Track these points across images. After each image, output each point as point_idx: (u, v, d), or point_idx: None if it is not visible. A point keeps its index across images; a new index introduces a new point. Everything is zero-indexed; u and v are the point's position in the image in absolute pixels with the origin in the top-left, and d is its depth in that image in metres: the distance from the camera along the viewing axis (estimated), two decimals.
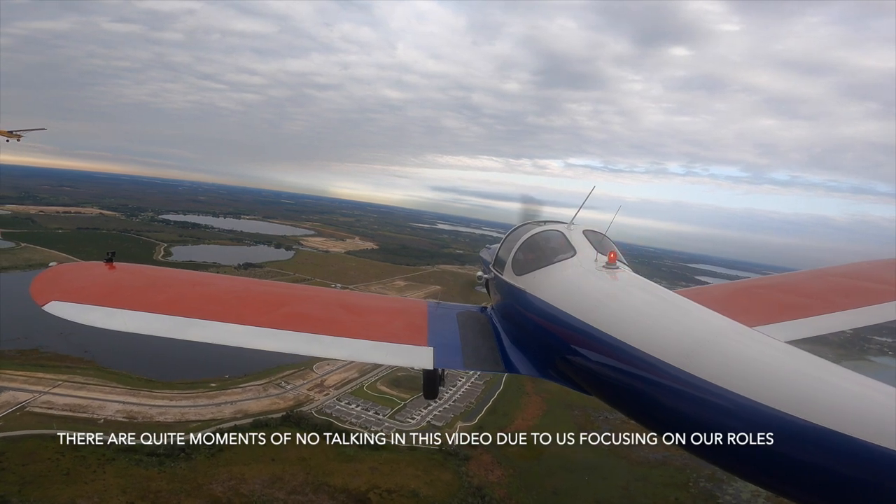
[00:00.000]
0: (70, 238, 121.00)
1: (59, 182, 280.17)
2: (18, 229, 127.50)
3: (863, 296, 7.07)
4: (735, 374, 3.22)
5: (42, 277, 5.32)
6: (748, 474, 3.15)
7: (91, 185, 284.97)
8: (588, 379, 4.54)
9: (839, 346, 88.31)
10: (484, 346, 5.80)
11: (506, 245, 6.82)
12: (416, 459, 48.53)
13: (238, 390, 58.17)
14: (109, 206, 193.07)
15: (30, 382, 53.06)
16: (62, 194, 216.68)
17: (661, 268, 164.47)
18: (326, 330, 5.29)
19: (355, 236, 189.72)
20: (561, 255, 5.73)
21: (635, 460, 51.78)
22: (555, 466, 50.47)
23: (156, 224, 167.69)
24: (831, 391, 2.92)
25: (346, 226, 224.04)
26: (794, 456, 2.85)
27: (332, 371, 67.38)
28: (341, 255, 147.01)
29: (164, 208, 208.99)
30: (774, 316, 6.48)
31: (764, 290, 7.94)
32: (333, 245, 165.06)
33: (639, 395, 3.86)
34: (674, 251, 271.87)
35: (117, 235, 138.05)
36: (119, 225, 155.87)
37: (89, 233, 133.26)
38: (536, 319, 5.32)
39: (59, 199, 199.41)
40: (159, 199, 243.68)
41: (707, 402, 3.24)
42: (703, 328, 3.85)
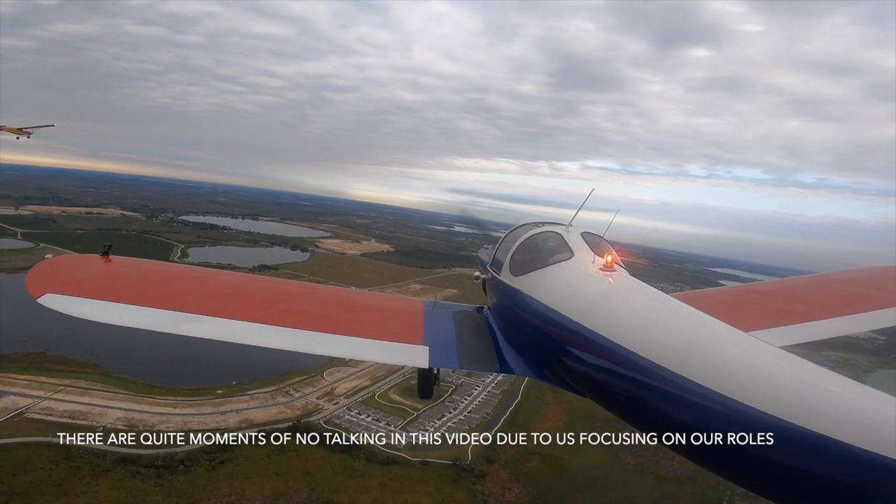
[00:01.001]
0: (89, 238, 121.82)
1: (85, 183, 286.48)
2: (39, 230, 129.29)
3: (860, 302, 7.04)
4: (729, 378, 3.23)
5: (37, 270, 5.29)
6: (740, 478, 3.20)
7: (115, 187, 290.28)
8: (583, 381, 4.57)
9: (873, 353, 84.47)
10: (480, 345, 5.80)
11: (503, 246, 6.80)
12: (427, 476, 46.18)
13: (245, 398, 56.20)
14: (131, 206, 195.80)
15: (32, 387, 51.69)
16: (86, 195, 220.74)
17: (682, 272, 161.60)
18: (323, 327, 5.22)
19: (371, 238, 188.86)
20: (558, 257, 5.70)
21: (663, 476, 48.76)
22: (577, 484, 47.87)
23: (175, 225, 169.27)
24: (824, 397, 2.94)
25: (363, 228, 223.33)
26: (786, 461, 2.87)
27: (343, 378, 65.12)
28: (357, 257, 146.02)
29: (184, 209, 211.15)
30: (770, 321, 6.43)
31: (761, 295, 8.06)
32: (349, 247, 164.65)
33: (633, 398, 3.88)
34: (695, 254, 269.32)
35: (136, 236, 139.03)
36: (139, 226, 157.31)
37: (109, 233, 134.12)
38: (533, 320, 5.30)
39: (83, 199, 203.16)
40: (180, 201, 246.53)
41: (701, 406, 3.26)
42: (698, 332, 3.88)
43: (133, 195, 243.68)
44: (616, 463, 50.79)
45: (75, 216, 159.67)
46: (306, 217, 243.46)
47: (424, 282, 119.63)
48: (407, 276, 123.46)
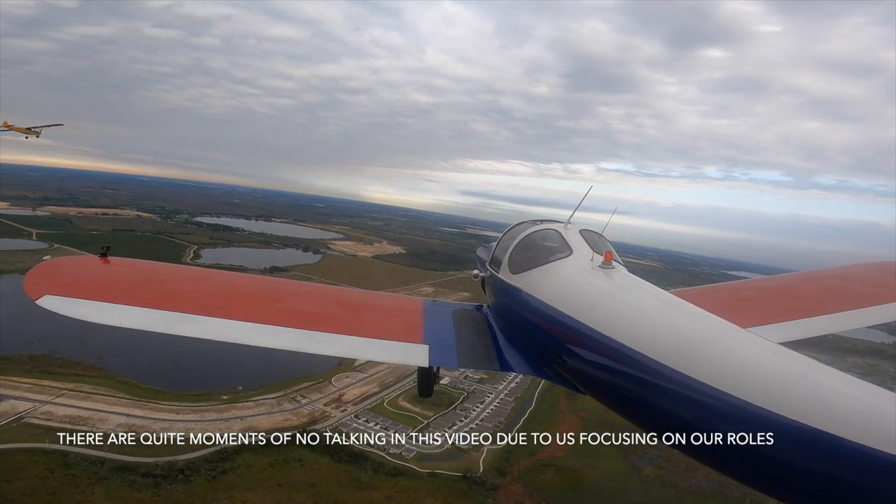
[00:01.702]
0: (103, 239, 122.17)
1: (102, 185, 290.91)
2: (54, 230, 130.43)
3: (858, 298, 7.01)
4: (728, 374, 3.18)
5: (36, 271, 5.27)
6: (741, 476, 3.13)
7: (132, 188, 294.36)
8: (582, 378, 4.55)
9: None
10: (479, 344, 5.78)
11: (502, 243, 6.73)
12: (436, 488, 44.15)
13: (250, 404, 54.66)
14: (147, 208, 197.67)
15: (34, 391, 50.73)
16: (103, 196, 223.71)
17: (699, 275, 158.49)
18: (321, 326, 5.18)
19: (384, 240, 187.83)
20: (557, 255, 5.65)
21: (685, 489, 46.43)
22: (593, 497, 45.54)
23: (189, 226, 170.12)
24: (824, 393, 2.90)
25: (375, 230, 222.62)
26: (786, 457, 2.83)
27: (352, 384, 63.48)
28: (368, 259, 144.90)
29: (199, 210, 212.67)
30: (769, 317, 6.38)
31: (759, 291, 8.07)
32: (361, 249, 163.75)
33: (632, 395, 3.85)
34: (712, 258, 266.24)
35: (150, 237, 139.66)
36: (154, 227, 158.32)
37: (123, 234, 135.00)
38: (532, 318, 5.29)
39: (100, 200, 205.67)
40: (195, 202, 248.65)
41: (700, 403, 3.21)
42: (697, 328, 3.84)
43: (149, 196, 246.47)
44: (635, 474, 48.45)
45: (91, 217, 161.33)
46: (319, 219, 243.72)
47: (437, 284, 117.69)
48: (419, 279, 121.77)
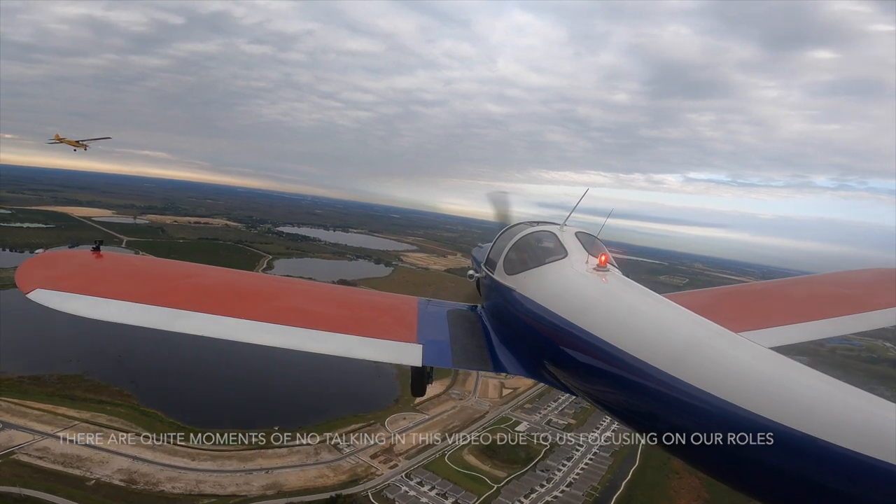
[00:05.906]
0: (187, 248, 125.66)
1: (205, 195, 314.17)
2: (145, 238, 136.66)
3: (851, 304, 6.98)
4: (720, 379, 3.21)
5: (28, 264, 5.18)
6: (732, 481, 3.17)
7: (229, 199, 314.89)
8: (575, 380, 4.59)
9: None
10: (473, 344, 5.75)
11: (498, 245, 6.68)
12: None
13: (283, 451, 46.00)
14: (236, 217, 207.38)
15: (43, 420, 46.09)
16: (201, 206, 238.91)
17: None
18: (316, 324, 5.14)
19: (458, 252, 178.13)
20: (552, 257, 5.61)
21: None
22: None
23: (270, 236, 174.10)
24: (816, 398, 2.93)
25: (450, 241, 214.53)
26: (777, 463, 2.85)
27: (408, 428, 52.92)
28: (441, 272, 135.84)
29: (282, 220, 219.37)
30: (762, 322, 6.36)
31: (752, 296, 8.23)
32: (434, 262, 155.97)
33: (625, 398, 3.90)
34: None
35: (231, 246, 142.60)
36: (237, 236, 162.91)
37: (208, 243, 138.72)
38: (526, 319, 5.29)
39: (196, 210, 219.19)
40: (280, 212, 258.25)
41: (691, 407, 3.25)
42: (690, 333, 3.85)
43: (241, 206, 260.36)
44: None
45: (184, 225, 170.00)
46: (394, 230, 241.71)
47: None
48: None
